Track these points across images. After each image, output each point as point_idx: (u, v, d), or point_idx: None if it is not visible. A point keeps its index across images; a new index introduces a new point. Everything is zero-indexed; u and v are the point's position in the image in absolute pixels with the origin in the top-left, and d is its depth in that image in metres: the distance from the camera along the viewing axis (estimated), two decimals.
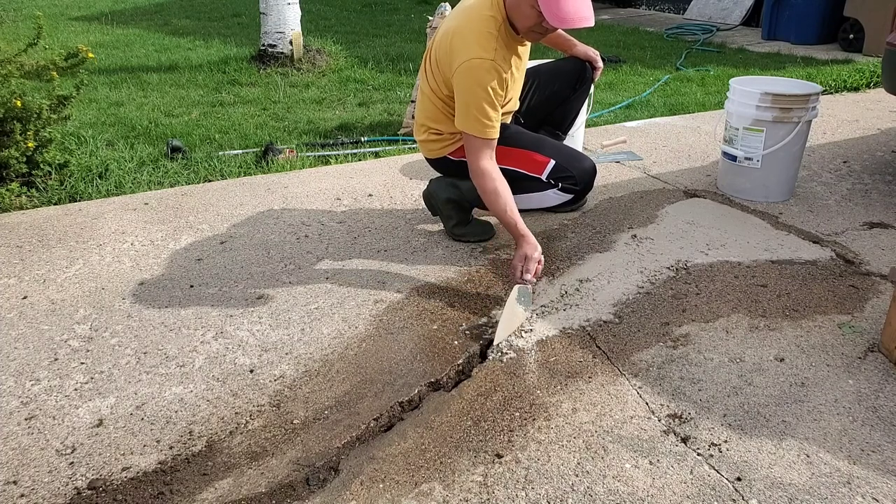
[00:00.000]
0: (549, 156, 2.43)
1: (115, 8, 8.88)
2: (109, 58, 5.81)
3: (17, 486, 1.43)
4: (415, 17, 8.48)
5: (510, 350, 1.88)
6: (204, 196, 2.94)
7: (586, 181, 2.49)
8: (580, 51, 2.66)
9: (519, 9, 2.04)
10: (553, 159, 2.42)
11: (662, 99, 4.70)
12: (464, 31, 2.07)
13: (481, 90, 2.03)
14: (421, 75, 2.36)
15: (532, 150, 2.42)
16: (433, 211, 2.56)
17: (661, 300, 2.13)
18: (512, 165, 2.41)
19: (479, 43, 2.02)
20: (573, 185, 2.47)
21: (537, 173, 2.44)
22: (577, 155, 2.50)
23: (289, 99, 4.67)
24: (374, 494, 1.41)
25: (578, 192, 2.52)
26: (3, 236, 2.55)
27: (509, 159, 2.40)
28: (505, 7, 2.08)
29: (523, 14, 2.03)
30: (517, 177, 2.41)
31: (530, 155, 2.41)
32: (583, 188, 2.51)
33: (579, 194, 2.55)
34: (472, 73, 2.02)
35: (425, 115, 2.35)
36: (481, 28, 2.04)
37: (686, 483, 1.43)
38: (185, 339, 1.94)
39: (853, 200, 2.92)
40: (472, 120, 2.09)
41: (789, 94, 2.69)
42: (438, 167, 2.51)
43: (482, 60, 2.01)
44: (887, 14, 6.01)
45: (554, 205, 2.60)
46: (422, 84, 2.34)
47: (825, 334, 1.95)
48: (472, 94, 2.05)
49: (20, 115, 2.83)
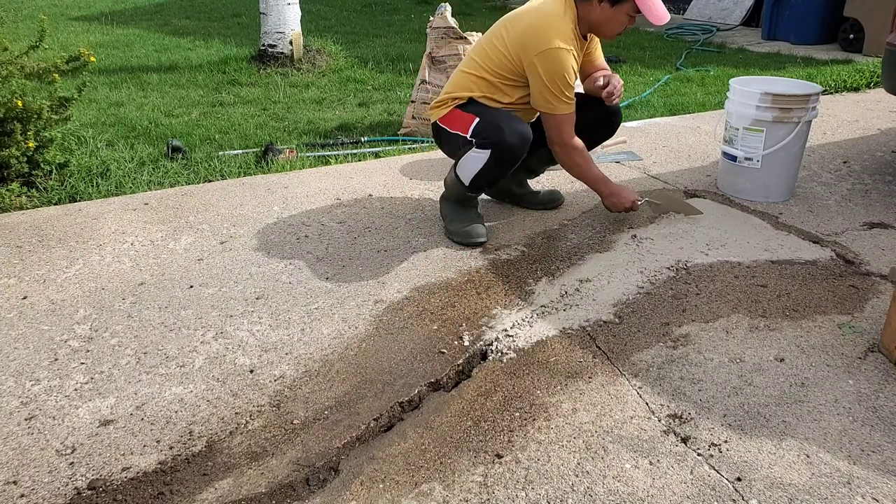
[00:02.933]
0: (475, 114, 2.38)
1: (115, 8, 8.89)
2: (109, 58, 5.81)
3: (17, 486, 1.43)
4: (415, 17, 8.48)
5: (510, 350, 1.88)
6: (204, 196, 2.94)
7: (500, 135, 2.31)
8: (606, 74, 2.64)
9: (615, 19, 2.35)
10: (478, 117, 2.37)
11: (662, 99, 4.70)
12: (542, 24, 2.31)
13: (565, 74, 2.30)
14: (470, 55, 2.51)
15: (470, 113, 2.40)
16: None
17: (661, 300, 2.13)
18: (453, 128, 2.43)
19: (560, 35, 2.30)
20: (486, 138, 2.33)
21: (465, 132, 2.39)
22: (509, 116, 2.39)
23: (289, 99, 4.67)
24: (374, 494, 1.41)
25: (492, 146, 2.32)
26: (3, 236, 2.55)
27: (454, 124, 2.43)
28: (579, 15, 2.36)
29: (618, 22, 2.36)
30: (458, 141, 2.42)
31: (466, 116, 2.40)
32: (496, 142, 2.32)
33: (494, 149, 2.33)
34: (557, 60, 2.29)
35: (448, 86, 2.53)
36: (560, 24, 2.31)
37: (686, 483, 1.43)
38: (185, 339, 1.94)
39: (853, 200, 2.92)
40: (556, 100, 2.35)
41: (789, 94, 2.70)
42: (434, 137, 2.62)
43: (562, 50, 2.28)
44: (887, 14, 6.01)
45: (480, 166, 2.38)
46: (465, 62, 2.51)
47: (825, 334, 1.95)
48: (556, 79, 2.31)
49: (21, 116, 2.83)
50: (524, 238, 2.56)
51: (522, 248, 2.47)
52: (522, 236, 2.57)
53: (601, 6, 2.31)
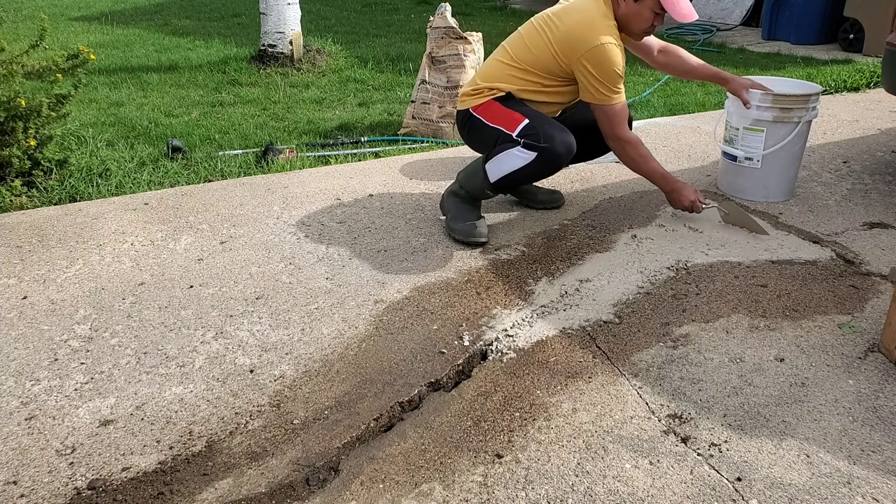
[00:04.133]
0: (525, 115, 2.41)
1: (115, 8, 8.89)
2: (109, 58, 5.81)
3: (17, 486, 1.43)
4: (415, 17, 8.48)
5: (510, 350, 1.88)
6: (204, 196, 2.94)
7: (551, 142, 2.34)
8: (736, 85, 2.71)
9: (640, 15, 2.38)
10: (528, 119, 2.39)
11: (662, 99, 4.70)
12: (588, 22, 2.36)
13: (616, 68, 2.35)
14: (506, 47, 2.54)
15: (517, 111, 2.43)
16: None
17: (661, 300, 2.13)
18: (493, 122, 2.44)
19: (608, 31, 2.34)
20: (535, 141, 2.34)
21: (511, 130, 2.40)
22: (558, 125, 2.43)
23: (289, 99, 4.67)
24: (374, 494, 1.41)
25: (540, 150, 2.34)
26: (3, 236, 2.55)
27: (495, 118, 2.44)
28: (615, 15, 2.40)
29: (643, 18, 2.38)
30: (497, 137, 2.43)
31: (512, 114, 2.42)
32: (545, 147, 2.34)
33: (542, 153, 2.35)
34: (608, 54, 2.33)
35: (484, 75, 2.55)
36: (604, 21, 2.36)
37: (686, 483, 1.43)
38: (185, 339, 1.94)
39: (853, 200, 2.92)
40: (611, 92, 2.39)
41: (789, 94, 2.69)
42: (461, 125, 2.62)
43: (611, 45, 2.33)
44: (887, 14, 6.03)
45: (519, 166, 2.39)
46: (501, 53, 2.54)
47: (825, 334, 1.95)
48: (608, 73, 2.35)
49: (22, 114, 2.83)
50: (524, 238, 2.56)
51: (522, 248, 2.47)
52: (522, 236, 2.57)
53: (626, 2, 2.35)
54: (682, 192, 2.55)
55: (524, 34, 2.49)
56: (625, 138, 2.47)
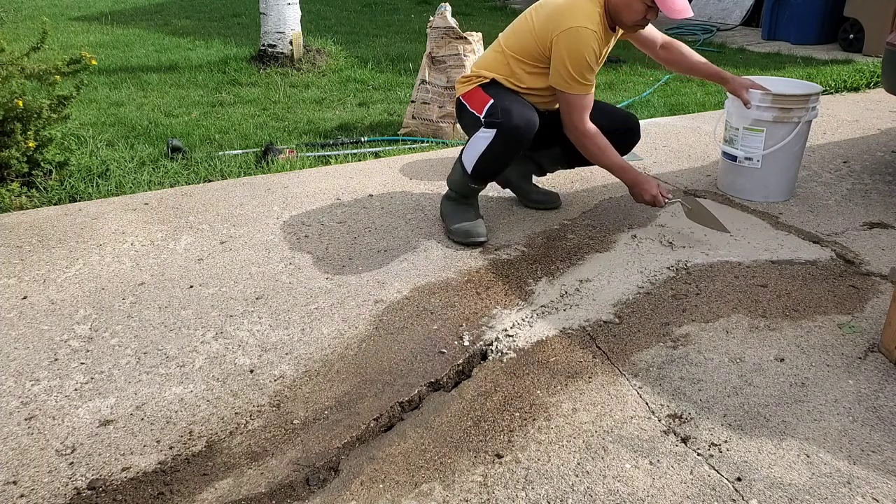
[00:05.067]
0: (492, 96, 2.39)
1: (115, 8, 8.89)
2: (109, 58, 5.81)
3: (17, 486, 1.43)
4: (415, 17, 8.48)
5: (510, 350, 1.88)
6: (204, 196, 2.94)
7: (507, 115, 2.31)
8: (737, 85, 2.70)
9: (630, 6, 2.29)
10: (493, 98, 2.38)
11: (662, 99, 4.70)
12: (569, 5, 2.32)
13: (586, 54, 2.29)
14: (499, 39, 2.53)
15: (488, 94, 2.41)
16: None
17: (661, 300, 2.13)
18: (472, 107, 2.44)
19: (587, 16, 2.29)
20: (495, 118, 2.33)
21: (479, 113, 2.41)
22: (521, 101, 2.40)
23: (289, 99, 4.67)
24: (374, 494, 1.41)
25: (499, 125, 2.32)
26: (3, 236, 2.55)
27: (474, 103, 2.44)
28: (607, 4, 2.34)
29: (634, 10, 2.29)
30: (475, 121, 2.43)
31: (485, 97, 2.40)
32: (502, 122, 2.31)
33: (500, 128, 2.32)
34: (580, 38, 2.27)
35: (477, 63, 2.58)
36: (587, 6, 2.31)
37: (686, 483, 1.43)
38: (185, 339, 1.94)
39: (853, 200, 2.92)
40: (573, 81, 2.33)
41: (789, 94, 2.69)
42: (456, 112, 2.63)
43: (588, 30, 2.27)
44: (887, 14, 6.03)
45: (484, 147, 2.37)
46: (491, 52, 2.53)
47: (825, 334, 1.95)
48: (576, 57, 2.29)
49: (21, 115, 2.83)
50: (524, 238, 2.56)
51: (522, 248, 2.47)
52: (522, 236, 2.57)
53: None
54: (643, 185, 2.47)
55: (515, 21, 2.50)
56: (582, 129, 2.41)
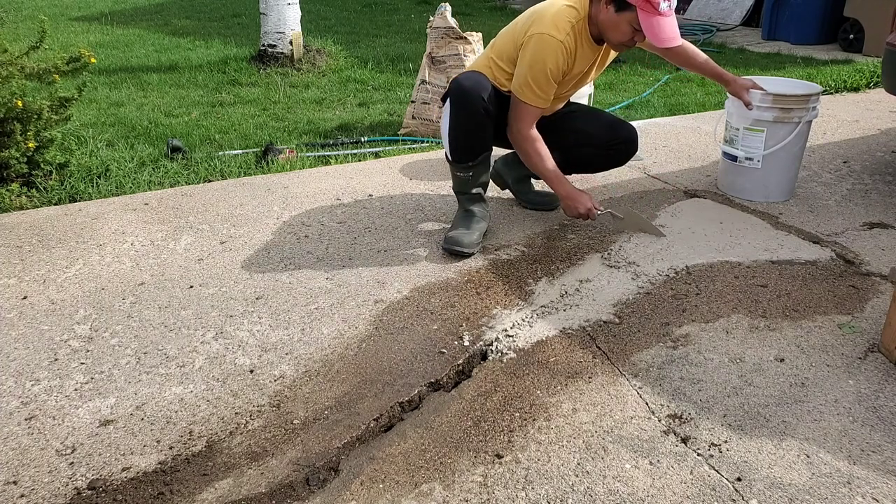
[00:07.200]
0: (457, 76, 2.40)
1: (115, 8, 8.89)
2: (109, 58, 5.81)
3: (17, 486, 1.43)
4: (415, 17, 8.48)
5: (510, 350, 1.88)
6: (204, 196, 2.94)
7: (456, 82, 2.33)
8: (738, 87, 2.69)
9: (618, 27, 2.25)
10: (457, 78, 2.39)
11: (662, 99, 4.70)
12: (545, 12, 2.30)
13: (544, 63, 2.25)
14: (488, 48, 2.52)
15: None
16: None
17: (661, 300, 2.13)
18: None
19: (555, 24, 2.25)
20: (448, 92, 2.35)
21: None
22: (474, 72, 2.40)
23: (289, 99, 4.67)
24: (374, 494, 1.41)
25: (450, 94, 2.34)
26: (3, 236, 2.55)
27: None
28: (590, 13, 2.29)
29: (621, 31, 2.25)
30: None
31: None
32: (452, 88, 2.33)
33: (452, 96, 2.33)
34: (541, 46, 2.24)
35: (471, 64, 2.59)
36: (561, 14, 2.28)
37: (686, 483, 1.43)
38: (185, 339, 1.94)
39: (853, 200, 2.92)
40: (527, 87, 2.29)
41: (790, 94, 2.69)
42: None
43: (552, 38, 2.23)
44: (887, 14, 6.01)
45: (448, 123, 2.38)
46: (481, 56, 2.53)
47: (825, 334, 1.95)
48: (534, 64, 2.25)
49: (21, 116, 2.83)
50: (524, 238, 2.56)
51: (522, 248, 2.47)
52: (522, 236, 2.57)
53: (607, 9, 2.23)
54: (577, 199, 2.41)
55: (507, 27, 2.47)
56: (524, 134, 2.37)
